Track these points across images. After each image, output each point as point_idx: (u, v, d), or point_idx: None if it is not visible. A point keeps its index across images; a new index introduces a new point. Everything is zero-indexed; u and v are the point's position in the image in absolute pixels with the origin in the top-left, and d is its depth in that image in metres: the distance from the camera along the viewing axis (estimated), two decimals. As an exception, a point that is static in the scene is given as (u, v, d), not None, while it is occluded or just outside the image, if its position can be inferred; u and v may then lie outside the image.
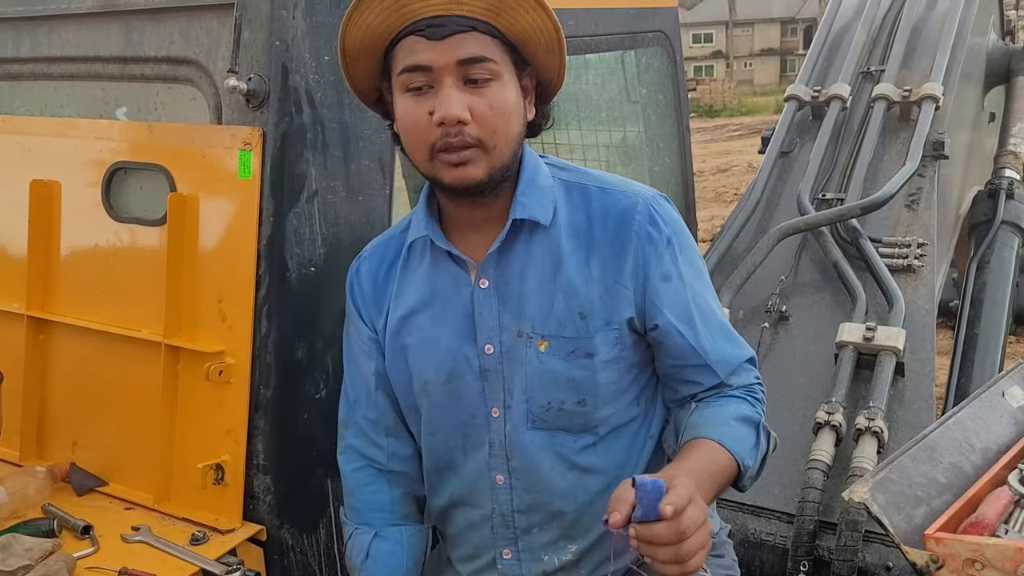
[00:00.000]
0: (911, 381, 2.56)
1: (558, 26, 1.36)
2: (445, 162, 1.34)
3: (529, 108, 1.42)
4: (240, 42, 1.68)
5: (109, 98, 2.01)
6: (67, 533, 1.69)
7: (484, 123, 1.32)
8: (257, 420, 1.73)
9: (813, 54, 3.73)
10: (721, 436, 1.38)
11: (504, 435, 1.46)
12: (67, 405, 1.98)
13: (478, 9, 1.30)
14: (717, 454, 1.36)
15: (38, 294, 1.98)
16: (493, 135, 1.33)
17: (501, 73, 1.34)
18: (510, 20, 1.32)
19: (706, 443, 1.37)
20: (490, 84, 1.32)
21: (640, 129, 3.14)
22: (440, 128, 1.31)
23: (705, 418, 1.43)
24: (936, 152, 3.18)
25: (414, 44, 1.31)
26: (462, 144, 1.32)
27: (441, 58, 1.30)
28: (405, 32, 1.31)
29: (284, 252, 1.70)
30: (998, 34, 4.47)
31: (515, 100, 1.37)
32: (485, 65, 1.31)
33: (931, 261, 2.86)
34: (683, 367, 1.47)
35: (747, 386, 1.49)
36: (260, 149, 1.68)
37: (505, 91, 1.34)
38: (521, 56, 1.38)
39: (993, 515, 1.39)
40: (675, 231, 1.45)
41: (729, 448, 1.37)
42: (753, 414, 1.45)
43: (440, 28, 1.29)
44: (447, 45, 1.29)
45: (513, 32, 1.34)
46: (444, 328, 1.47)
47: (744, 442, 1.40)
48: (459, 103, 1.30)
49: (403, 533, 1.58)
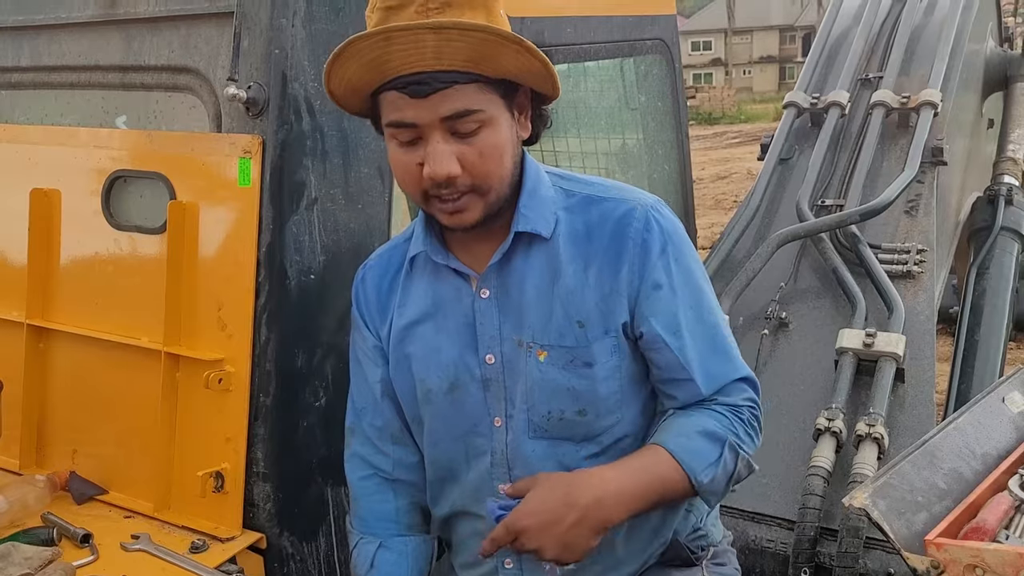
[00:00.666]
0: (911, 387, 2.56)
1: (546, 62, 1.31)
2: (441, 209, 1.34)
3: (524, 126, 1.40)
4: (239, 50, 1.69)
5: (109, 107, 2.02)
6: (67, 542, 1.69)
7: (475, 171, 1.31)
8: (257, 428, 1.73)
9: (811, 61, 3.74)
10: (676, 447, 1.37)
11: (506, 444, 1.45)
12: (67, 413, 1.98)
13: (459, 62, 1.26)
14: (662, 466, 1.36)
15: (38, 302, 1.98)
16: (486, 179, 1.32)
17: (490, 118, 1.31)
18: (494, 67, 1.29)
19: (656, 450, 1.38)
20: (478, 132, 1.30)
21: (639, 136, 3.15)
22: (431, 180, 1.30)
23: (670, 426, 1.42)
24: (935, 158, 3.18)
25: (397, 100, 1.28)
26: (455, 195, 1.31)
27: (425, 115, 1.27)
28: (387, 87, 1.29)
29: (284, 260, 1.70)
30: (996, 40, 4.48)
31: (506, 137, 1.34)
32: (471, 117, 1.29)
33: (930, 267, 2.86)
34: (668, 380, 1.45)
35: (733, 405, 1.45)
36: (260, 157, 1.68)
37: (495, 134, 1.32)
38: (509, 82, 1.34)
39: (994, 521, 1.39)
40: (672, 239, 1.43)
41: (680, 460, 1.36)
42: (721, 430, 1.41)
43: (422, 86, 1.26)
44: (430, 103, 1.26)
45: (498, 74, 1.31)
46: (446, 338, 1.47)
47: (701, 456, 1.38)
48: (448, 160, 1.28)
49: (408, 544, 1.56)
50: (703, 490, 1.38)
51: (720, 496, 1.43)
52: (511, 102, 1.35)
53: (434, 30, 1.22)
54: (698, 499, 1.58)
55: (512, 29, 2.02)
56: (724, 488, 1.42)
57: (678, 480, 1.36)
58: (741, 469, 1.44)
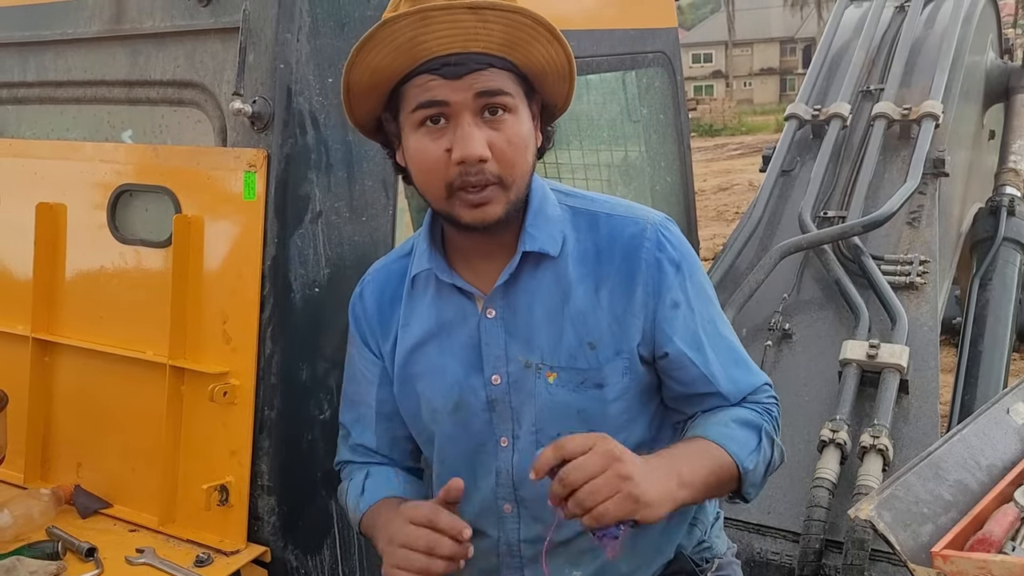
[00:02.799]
0: (915, 398, 2.56)
1: (571, 56, 1.34)
2: (465, 202, 1.31)
3: (537, 135, 1.40)
4: (245, 65, 1.70)
5: (115, 121, 2.03)
6: (71, 555, 1.69)
7: (503, 159, 1.30)
8: (261, 441, 1.73)
9: (813, 73, 3.75)
10: (718, 435, 1.36)
11: (512, 465, 1.44)
12: (71, 427, 1.98)
13: (493, 45, 1.26)
14: (711, 449, 1.34)
15: (43, 316, 1.98)
16: (512, 170, 1.31)
17: (517, 106, 1.31)
18: (525, 54, 1.30)
19: (700, 440, 1.36)
20: (506, 118, 1.30)
21: (641, 148, 3.15)
22: (459, 167, 1.28)
23: (704, 421, 1.41)
24: (936, 169, 3.19)
25: (428, 82, 1.27)
26: (483, 182, 1.29)
27: (459, 94, 1.26)
28: (418, 71, 1.28)
29: (288, 273, 1.71)
30: (996, 52, 4.49)
31: (529, 132, 1.35)
32: (503, 99, 1.29)
33: (933, 278, 2.86)
34: (692, 395, 1.44)
35: (760, 402, 1.47)
36: (264, 171, 1.69)
37: (520, 124, 1.32)
38: (531, 85, 1.36)
39: (1000, 532, 1.38)
40: (683, 256, 1.43)
41: (725, 447, 1.34)
42: (755, 419, 1.42)
43: (457, 67, 1.25)
44: (464, 82, 1.26)
45: (527, 64, 1.32)
46: (451, 358, 1.45)
47: (743, 444, 1.37)
48: (480, 141, 1.27)
49: (398, 473, 1.56)
50: (747, 478, 1.37)
51: (759, 487, 1.42)
52: (530, 101, 1.37)
53: (472, 10, 1.22)
54: (703, 511, 1.59)
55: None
56: (763, 478, 1.42)
57: (729, 467, 1.34)
58: (776, 458, 1.44)
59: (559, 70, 1.35)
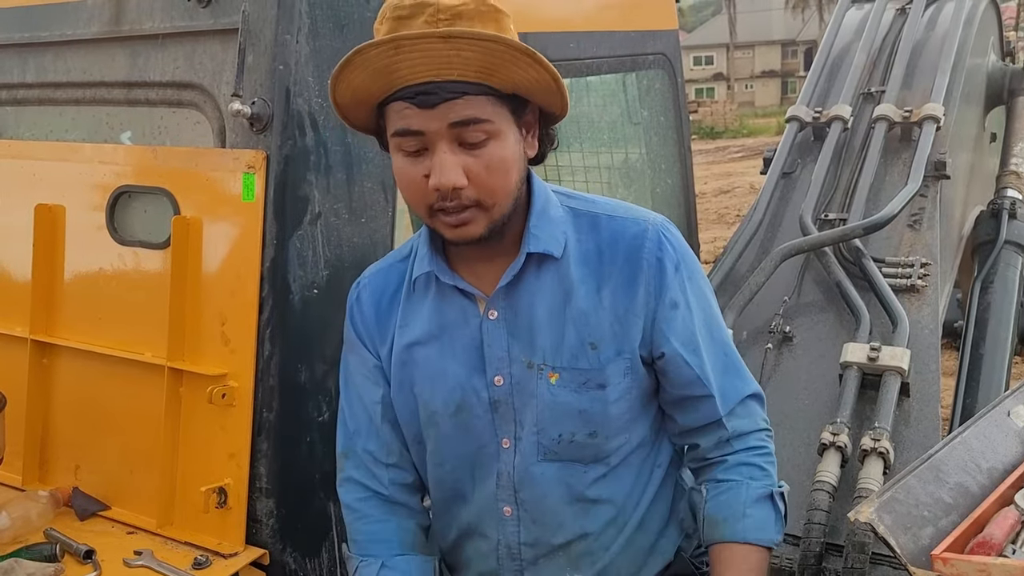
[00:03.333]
0: (916, 401, 2.55)
1: (556, 76, 1.30)
2: (444, 223, 1.32)
3: (531, 144, 1.39)
4: (244, 66, 1.70)
5: (114, 122, 2.03)
6: (69, 558, 1.69)
7: (481, 184, 1.29)
8: (260, 443, 1.73)
9: (814, 76, 3.74)
10: (745, 532, 1.43)
11: (513, 466, 1.44)
12: (70, 429, 1.98)
13: (469, 72, 1.24)
14: (748, 557, 1.43)
15: (42, 318, 1.98)
16: (492, 194, 1.31)
17: (497, 130, 1.29)
18: (503, 78, 1.27)
19: (734, 550, 1.43)
20: (486, 143, 1.28)
21: (642, 151, 3.15)
22: (437, 192, 1.28)
23: (722, 513, 1.46)
24: (938, 172, 3.19)
25: (403, 109, 1.26)
26: (460, 207, 1.29)
27: (433, 123, 1.25)
28: (394, 97, 1.27)
29: (287, 275, 1.70)
30: (998, 55, 4.49)
31: (513, 152, 1.32)
32: (479, 127, 1.27)
33: (934, 281, 2.85)
34: (686, 397, 1.45)
35: (754, 448, 1.48)
36: (263, 172, 1.69)
37: (502, 147, 1.30)
38: (519, 99, 1.33)
39: (1000, 535, 1.38)
40: (683, 257, 1.43)
41: (754, 541, 1.43)
42: (764, 488, 1.47)
43: (430, 96, 1.24)
44: (438, 112, 1.25)
45: (508, 86, 1.29)
46: (452, 360, 1.44)
47: (767, 524, 1.45)
48: (454, 169, 1.26)
49: (411, 563, 1.51)
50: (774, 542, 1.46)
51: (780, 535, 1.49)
52: (520, 118, 1.34)
53: (444, 39, 1.21)
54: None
55: (517, 44, 1.99)
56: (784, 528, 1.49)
57: (763, 555, 1.44)
58: (786, 503, 1.50)
59: (544, 89, 1.32)
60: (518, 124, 1.34)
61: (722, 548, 1.45)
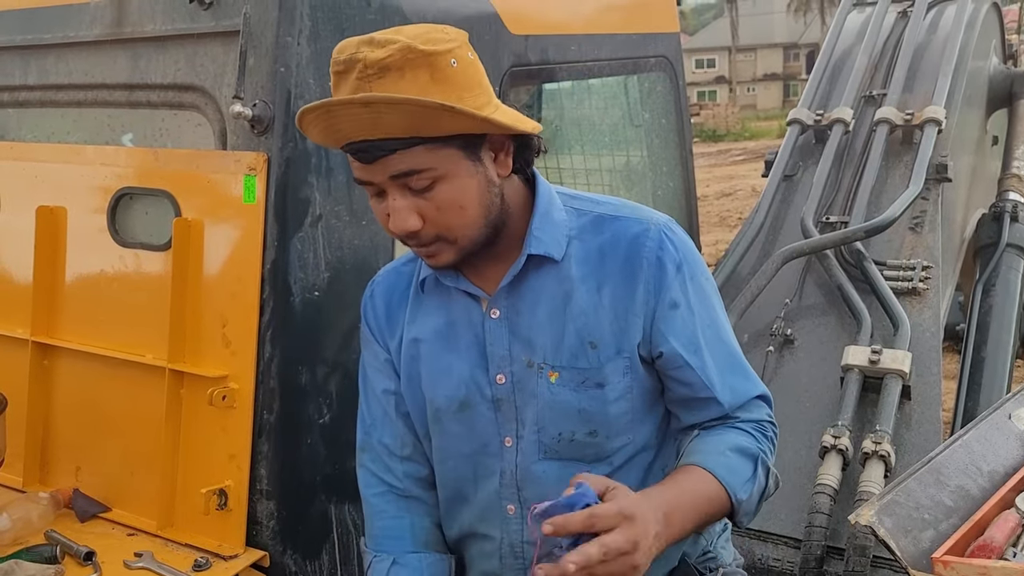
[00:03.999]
0: (917, 404, 2.55)
1: (485, 119, 1.28)
2: (417, 252, 1.38)
3: (504, 163, 1.38)
4: (245, 69, 1.70)
5: (115, 125, 2.03)
6: (70, 559, 1.69)
7: (436, 223, 1.32)
8: (260, 445, 1.73)
9: (815, 78, 3.75)
10: (713, 465, 1.35)
11: (515, 465, 1.45)
12: (71, 431, 1.98)
13: (396, 130, 1.25)
14: (704, 483, 1.33)
15: (43, 319, 1.98)
16: (449, 231, 1.33)
17: (443, 174, 1.30)
18: (433, 129, 1.27)
19: (695, 470, 1.34)
20: (433, 187, 1.30)
21: (643, 153, 3.15)
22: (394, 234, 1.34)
23: (702, 445, 1.40)
24: (939, 175, 3.19)
25: (352, 161, 1.32)
26: (423, 243, 1.34)
27: (377, 176, 1.30)
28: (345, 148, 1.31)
29: (288, 277, 1.71)
30: (1000, 58, 4.49)
31: (466, 187, 1.32)
32: (421, 175, 1.28)
33: (936, 284, 2.85)
34: (688, 398, 1.44)
35: (756, 421, 1.46)
36: (264, 174, 1.69)
37: (450, 188, 1.31)
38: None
39: (1001, 538, 1.37)
40: (686, 258, 1.43)
41: (720, 478, 1.33)
42: (752, 447, 1.40)
43: (366, 153, 1.28)
44: (377, 166, 1.28)
45: (444, 133, 1.29)
46: (456, 357, 1.46)
47: (738, 473, 1.36)
48: (406, 216, 1.30)
49: (422, 560, 1.52)
50: (740, 508, 1.36)
51: (752, 515, 1.41)
52: (476, 149, 1.33)
53: (364, 105, 1.23)
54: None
55: (517, 46, 2.03)
56: (756, 506, 1.41)
57: (720, 499, 1.33)
58: (771, 485, 1.43)
59: (482, 128, 1.31)
60: (473, 156, 1.33)
61: (685, 467, 1.36)
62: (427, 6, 1.91)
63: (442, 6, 1.97)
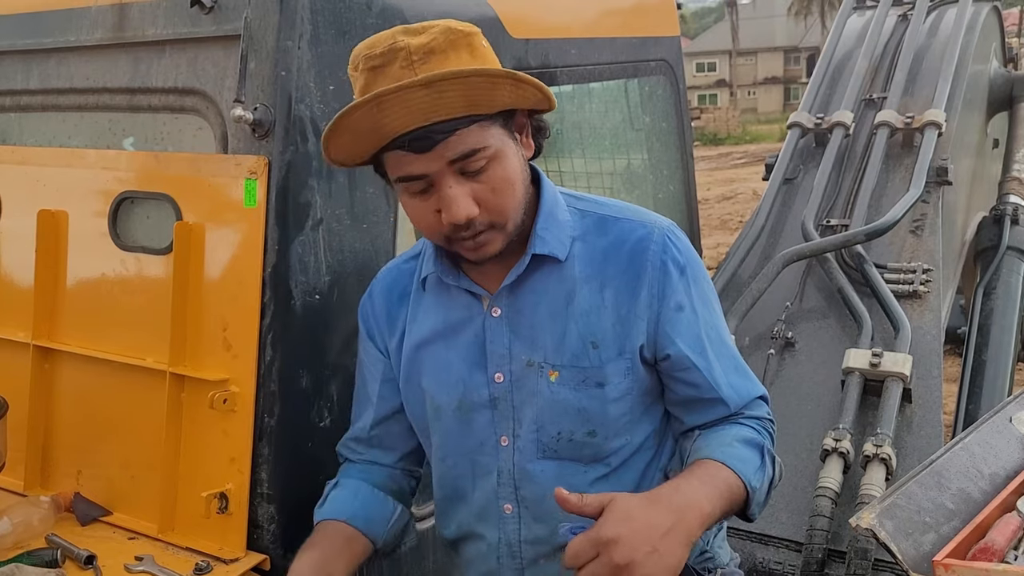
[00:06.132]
0: (918, 407, 2.55)
1: (540, 87, 1.30)
2: (463, 247, 1.35)
3: (527, 144, 1.40)
4: (246, 72, 1.70)
5: (116, 128, 2.03)
6: (70, 563, 1.69)
7: (491, 207, 1.31)
8: (261, 448, 1.73)
9: (816, 82, 3.75)
10: (725, 456, 1.35)
11: (512, 464, 1.45)
12: (72, 434, 1.98)
13: (457, 110, 1.24)
14: (721, 471, 1.32)
15: (44, 323, 1.98)
16: (503, 214, 1.33)
17: (496, 152, 1.30)
18: (490, 103, 1.27)
19: (708, 462, 1.34)
20: (487, 167, 1.29)
21: (644, 157, 3.15)
22: (451, 225, 1.30)
23: (708, 441, 1.41)
24: (940, 178, 3.19)
25: (401, 158, 1.28)
26: (475, 233, 1.32)
27: (432, 165, 1.26)
28: (388, 147, 1.28)
29: (289, 280, 1.71)
30: (1000, 61, 4.49)
31: (514, 166, 1.34)
32: (479, 155, 1.28)
33: (937, 287, 2.86)
34: (693, 399, 1.45)
35: (757, 418, 1.47)
36: (265, 178, 1.69)
37: (503, 167, 1.31)
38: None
39: (1002, 541, 1.37)
40: (689, 261, 1.44)
41: (733, 468, 1.33)
42: (757, 437, 1.42)
43: (423, 141, 1.24)
44: (434, 153, 1.26)
45: (496, 108, 1.29)
46: (456, 355, 1.47)
47: (749, 463, 1.37)
48: (464, 202, 1.28)
49: (361, 488, 1.58)
50: (754, 498, 1.36)
51: (762, 506, 1.41)
52: (511, 127, 1.35)
53: (425, 86, 1.20)
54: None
55: (518, 50, 2.04)
56: (766, 496, 1.41)
57: (737, 487, 1.33)
58: (776, 475, 1.44)
59: (532, 99, 1.33)
60: (512, 134, 1.35)
61: (698, 461, 1.35)
62: (427, 10, 1.91)
63: (442, 10, 1.97)
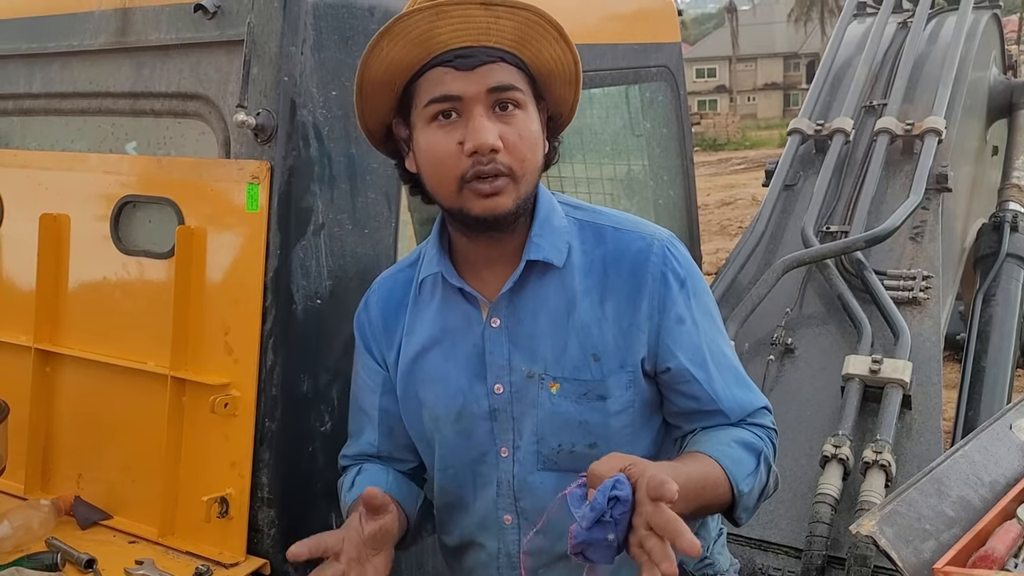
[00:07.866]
0: (918, 414, 2.55)
1: (578, 59, 1.37)
2: (476, 192, 1.32)
3: (544, 143, 1.42)
4: (249, 77, 1.70)
5: (119, 133, 2.04)
6: (71, 567, 1.68)
7: (514, 152, 1.32)
8: (262, 453, 1.73)
9: (816, 88, 3.76)
10: (719, 454, 1.34)
11: (512, 475, 1.45)
12: (72, 438, 1.98)
13: (506, 40, 1.31)
14: (709, 468, 1.31)
15: (46, 327, 1.98)
16: (523, 164, 1.34)
17: (527, 103, 1.35)
18: (534, 52, 1.34)
19: (699, 456, 1.34)
20: (517, 113, 1.33)
21: (644, 163, 3.16)
22: (471, 158, 1.30)
23: (706, 437, 1.40)
24: (939, 185, 3.20)
25: (442, 75, 1.31)
26: (495, 172, 1.31)
27: (471, 87, 1.30)
28: (431, 64, 1.31)
29: (290, 285, 1.71)
30: (1000, 68, 4.50)
31: (538, 130, 1.38)
32: (513, 94, 1.32)
33: (936, 293, 2.86)
34: (693, 411, 1.44)
35: (760, 426, 1.46)
36: (268, 183, 1.69)
37: (530, 121, 1.35)
38: (538, 89, 1.39)
39: (1002, 548, 1.38)
40: (689, 273, 1.43)
41: (724, 467, 1.32)
42: (756, 442, 1.41)
43: (470, 59, 1.29)
44: (477, 75, 1.30)
45: (536, 64, 1.35)
46: (454, 366, 1.46)
47: (742, 465, 1.35)
48: (492, 131, 1.30)
49: (389, 472, 1.57)
50: (740, 502, 1.34)
51: (751, 513, 1.39)
52: (538, 106, 1.39)
53: (484, 6, 1.27)
54: (706, 527, 1.58)
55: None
56: (756, 503, 1.40)
57: (722, 487, 1.32)
58: (771, 484, 1.43)
59: (566, 73, 1.38)
60: (538, 109, 1.39)
61: (690, 453, 1.35)
62: (430, 16, 1.91)
63: (445, 16, 1.97)
